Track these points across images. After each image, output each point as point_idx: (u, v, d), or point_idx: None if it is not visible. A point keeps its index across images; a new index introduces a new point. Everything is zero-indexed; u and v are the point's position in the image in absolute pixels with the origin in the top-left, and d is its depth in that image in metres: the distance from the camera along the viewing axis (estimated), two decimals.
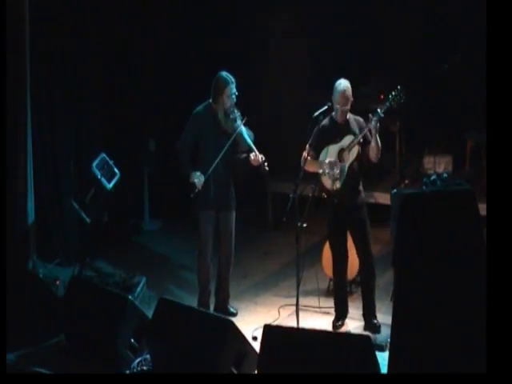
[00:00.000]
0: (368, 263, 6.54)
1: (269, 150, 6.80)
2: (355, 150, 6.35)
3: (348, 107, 6.42)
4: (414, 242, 5.14)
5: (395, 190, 7.06)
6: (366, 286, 6.59)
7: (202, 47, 9.50)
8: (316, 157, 6.49)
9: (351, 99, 6.42)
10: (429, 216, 5.14)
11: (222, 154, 6.58)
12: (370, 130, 6.29)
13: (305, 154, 6.55)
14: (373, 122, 6.25)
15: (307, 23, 9.52)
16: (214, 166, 6.58)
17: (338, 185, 6.37)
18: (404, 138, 8.98)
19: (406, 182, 7.75)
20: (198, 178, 6.62)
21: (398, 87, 6.31)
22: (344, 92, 6.36)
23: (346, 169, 6.37)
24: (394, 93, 6.31)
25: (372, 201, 8.40)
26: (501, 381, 4.30)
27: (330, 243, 6.73)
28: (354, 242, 6.57)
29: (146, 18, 9.23)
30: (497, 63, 4.62)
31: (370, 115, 6.29)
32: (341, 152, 6.41)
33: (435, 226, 5.09)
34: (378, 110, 6.25)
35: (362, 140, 6.35)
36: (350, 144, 6.35)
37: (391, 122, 8.81)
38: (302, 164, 6.39)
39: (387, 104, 6.28)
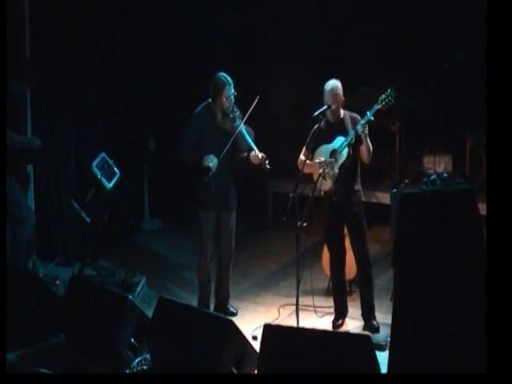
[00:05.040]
0: (364, 267, 6.56)
1: (268, 150, 6.80)
2: (345, 151, 6.37)
3: (337, 105, 6.43)
4: (414, 241, 5.15)
5: (395, 190, 7.06)
6: (364, 289, 6.60)
7: (202, 47, 9.50)
8: (312, 158, 6.51)
9: (341, 97, 6.43)
10: (429, 216, 5.14)
11: (228, 147, 6.58)
12: (359, 133, 6.30)
13: (301, 156, 6.58)
14: (358, 126, 6.26)
15: (307, 23, 9.52)
16: (223, 153, 6.58)
17: (329, 183, 6.38)
18: (404, 138, 8.97)
19: (406, 181, 7.73)
20: (212, 161, 6.61)
21: (388, 90, 6.31)
22: (332, 89, 6.40)
23: (337, 168, 6.37)
24: (383, 95, 6.31)
25: (372, 201, 8.41)
26: (501, 381, 4.30)
27: (326, 242, 6.74)
28: (351, 242, 6.59)
29: (146, 19, 9.22)
30: (497, 63, 4.62)
31: (360, 120, 6.31)
32: (333, 153, 6.43)
33: (435, 225, 5.10)
34: (368, 113, 6.27)
35: (353, 141, 6.36)
36: (340, 145, 6.38)
37: (391, 122, 8.83)
38: (299, 167, 6.45)
39: (376, 107, 6.29)
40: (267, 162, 6.64)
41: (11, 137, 6.91)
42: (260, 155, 6.62)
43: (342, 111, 6.52)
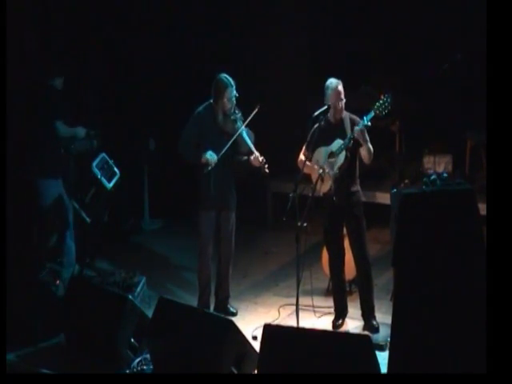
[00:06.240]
0: (363, 267, 6.56)
1: (268, 150, 6.81)
2: (343, 154, 6.37)
3: (341, 104, 6.43)
4: (414, 241, 5.14)
5: (395, 190, 7.06)
6: (364, 289, 6.61)
7: (202, 47, 9.50)
8: (312, 159, 6.52)
9: (342, 96, 6.43)
10: (429, 216, 5.14)
11: (227, 146, 6.59)
12: (356, 138, 6.30)
13: (302, 155, 6.58)
14: (355, 131, 6.26)
15: (307, 23, 9.52)
16: (223, 151, 6.58)
17: (329, 183, 6.39)
18: (404, 138, 8.98)
19: (406, 181, 7.75)
20: (211, 156, 6.61)
21: (386, 96, 6.30)
22: (337, 88, 6.39)
23: (336, 169, 6.38)
24: (380, 101, 6.30)
25: (372, 201, 8.40)
26: (501, 381, 4.31)
27: (326, 243, 6.74)
28: (350, 242, 6.59)
29: (146, 18, 9.23)
30: (497, 63, 4.62)
31: (356, 126, 6.31)
32: (330, 155, 6.43)
33: (435, 225, 5.09)
34: (364, 119, 6.27)
35: (351, 145, 6.36)
36: (338, 149, 6.38)
37: (391, 122, 8.83)
38: (299, 166, 6.47)
39: (372, 113, 6.29)
40: (266, 165, 6.65)
41: (59, 127, 7.27)
42: (260, 159, 6.63)
43: (343, 111, 6.51)
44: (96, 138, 7.69)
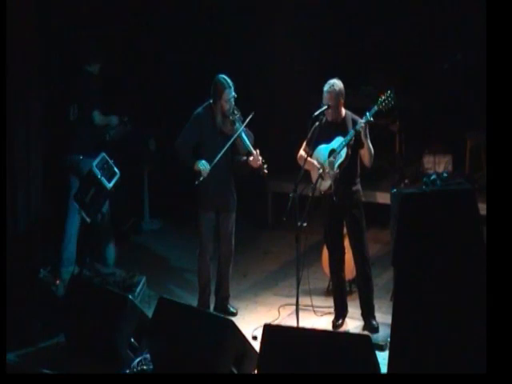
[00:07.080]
0: (363, 268, 6.56)
1: (268, 150, 6.80)
2: (344, 151, 6.36)
3: (334, 104, 6.41)
4: (414, 241, 5.14)
5: (395, 190, 7.07)
6: (363, 289, 6.61)
7: (202, 46, 9.50)
8: (312, 156, 6.52)
9: (339, 98, 6.42)
10: (429, 216, 5.14)
11: (222, 153, 6.58)
12: (358, 134, 6.29)
13: (302, 151, 6.58)
14: (357, 126, 6.25)
15: (307, 23, 9.52)
16: (217, 158, 6.57)
17: (328, 183, 6.39)
18: (404, 138, 8.98)
19: (406, 181, 7.75)
20: (204, 166, 6.61)
21: (388, 91, 6.31)
22: (328, 90, 6.39)
23: (336, 167, 6.37)
24: (383, 97, 6.30)
25: (372, 201, 8.40)
26: (501, 381, 4.31)
27: (325, 243, 6.75)
28: (350, 242, 6.60)
29: (146, 17, 9.23)
30: (497, 63, 4.62)
31: (359, 120, 6.31)
32: (331, 153, 6.43)
33: (435, 225, 5.09)
34: (367, 114, 6.26)
35: (352, 142, 6.35)
36: (339, 145, 6.37)
37: (391, 122, 8.83)
38: (299, 162, 6.47)
39: (375, 108, 6.29)
40: (265, 166, 6.64)
41: (95, 117, 7.77)
42: (259, 159, 6.63)
43: (343, 111, 6.50)
44: (129, 122, 8.05)
